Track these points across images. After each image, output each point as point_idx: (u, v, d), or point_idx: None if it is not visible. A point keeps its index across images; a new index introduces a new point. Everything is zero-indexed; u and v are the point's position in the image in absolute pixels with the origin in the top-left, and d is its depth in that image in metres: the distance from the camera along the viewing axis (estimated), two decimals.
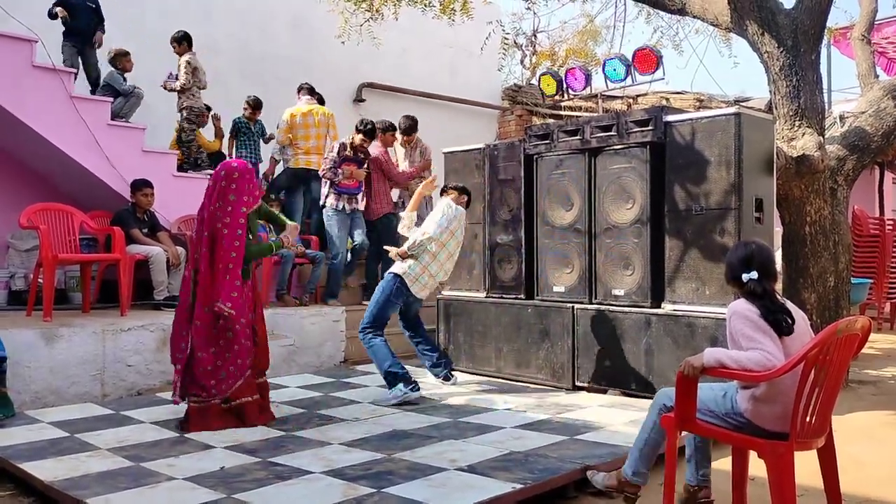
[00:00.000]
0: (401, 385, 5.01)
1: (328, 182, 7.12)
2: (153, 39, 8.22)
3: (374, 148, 7.47)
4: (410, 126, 7.80)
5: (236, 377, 4.39)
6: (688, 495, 3.16)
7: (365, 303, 7.20)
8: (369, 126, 7.10)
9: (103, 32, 7.33)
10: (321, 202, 7.30)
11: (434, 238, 5.23)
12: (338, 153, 7.04)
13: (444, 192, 5.65)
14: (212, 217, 4.40)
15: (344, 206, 7.11)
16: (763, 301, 2.77)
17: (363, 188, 7.37)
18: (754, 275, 2.82)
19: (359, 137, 7.06)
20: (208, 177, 7.68)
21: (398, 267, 5.27)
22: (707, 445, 3.14)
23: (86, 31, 7.19)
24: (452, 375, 5.65)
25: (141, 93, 7.33)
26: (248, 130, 8.15)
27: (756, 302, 2.78)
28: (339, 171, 7.03)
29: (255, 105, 8.14)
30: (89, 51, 7.27)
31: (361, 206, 7.42)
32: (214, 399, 4.31)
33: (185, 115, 7.59)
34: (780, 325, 2.73)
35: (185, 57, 7.49)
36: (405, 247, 5.28)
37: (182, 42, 7.57)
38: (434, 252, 5.26)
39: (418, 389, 5.07)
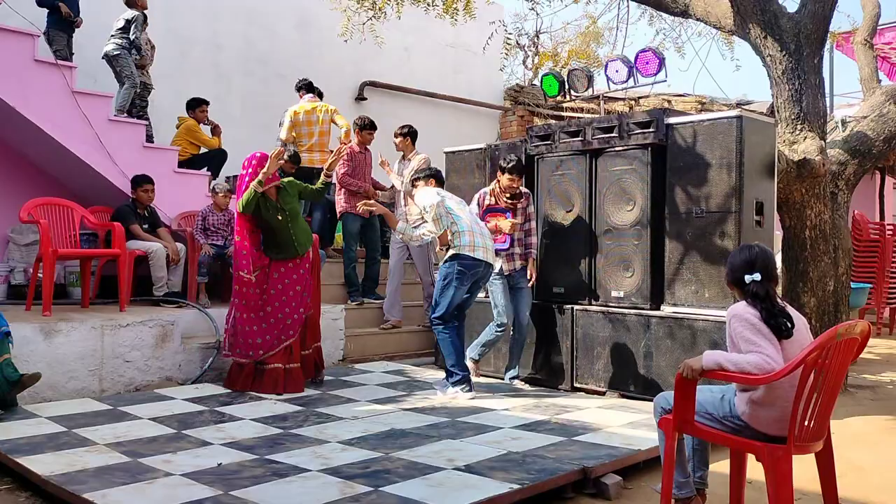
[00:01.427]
0: (456, 388, 5.14)
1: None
2: (158, 38, 8.22)
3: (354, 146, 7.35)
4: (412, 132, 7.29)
5: (272, 345, 5.20)
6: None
7: (365, 302, 7.26)
8: (512, 163, 5.50)
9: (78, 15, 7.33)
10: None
11: (444, 227, 5.24)
12: (478, 203, 5.72)
13: (415, 183, 5.67)
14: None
15: (501, 269, 5.63)
16: (764, 304, 2.77)
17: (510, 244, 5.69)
18: (757, 276, 2.82)
19: (506, 178, 5.54)
20: (207, 175, 7.73)
21: (447, 254, 5.31)
22: (705, 449, 3.13)
23: (75, 19, 7.19)
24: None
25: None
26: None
27: (757, 304, 2.77)
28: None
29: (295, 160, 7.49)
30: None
31: (517, 264, 5.71)
32: (249, 360, 5.20)
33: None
34: (781, 328, 2.73)
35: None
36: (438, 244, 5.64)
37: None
38: (461, 230, 5.18)
39: (471, 390, 5.16)
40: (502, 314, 5.56)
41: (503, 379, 5.78)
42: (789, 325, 2.75)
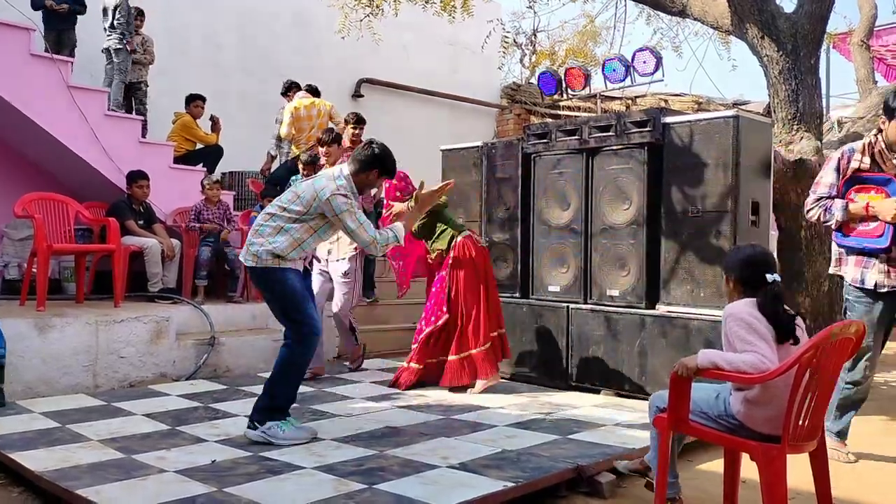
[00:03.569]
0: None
1: None
2: (156, 35, 8.20)
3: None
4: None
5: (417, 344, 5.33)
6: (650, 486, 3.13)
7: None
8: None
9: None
10: None
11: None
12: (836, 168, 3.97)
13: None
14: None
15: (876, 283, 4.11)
16: (777, 305, 2.75)
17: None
18: (777, 277, 2.81)
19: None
20: (203, 171, 7.71)
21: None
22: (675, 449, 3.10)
23: (58, 7, 7.18)
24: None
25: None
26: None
27: (777, 304, 2.74)
28: None
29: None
30: (66, 33, 7.27)
31: None
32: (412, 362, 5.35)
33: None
34: (790, 331, 2.72)
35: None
36: None
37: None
38: None
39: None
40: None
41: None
42: (793, 328, 2.75)
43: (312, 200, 3.88)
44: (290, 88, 7.94)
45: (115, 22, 7.40)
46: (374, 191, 6.31)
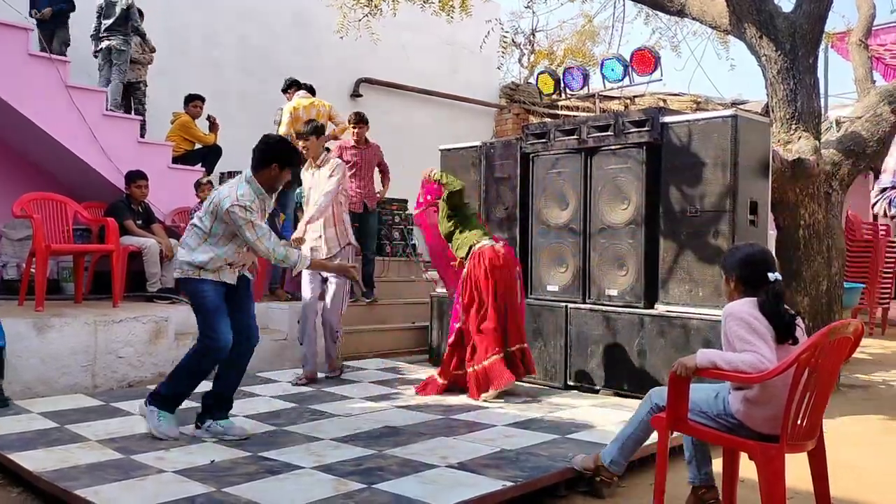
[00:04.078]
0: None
1: None
2: (154, 34, 8.20)
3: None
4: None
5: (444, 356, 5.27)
6: (696, 497, 3.09)
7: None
8: None
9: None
10: None
11: None
12: None
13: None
14: None
15: None
16: (779, 304, 2.74)
17: None
18: (779, 276, 2.81)
19: None
20: (202, 171, 7.71)
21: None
22: (706, 444, 3.11)
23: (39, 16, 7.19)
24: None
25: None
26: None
27: (779, 303, 2.74)
28: None
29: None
30: (59, 31, 7.27)
31: None
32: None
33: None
34: (791, 331, 2.72)
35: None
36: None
37: None
38: None
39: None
40: None
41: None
42: (794, 328, 2.75)
43: (216, 210, 3.83)
44: (290, 86, 7.93)
45: (133, 24, 7.41)
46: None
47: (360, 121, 7.16)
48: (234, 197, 3.78)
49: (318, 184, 5.43)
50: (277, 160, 3.90)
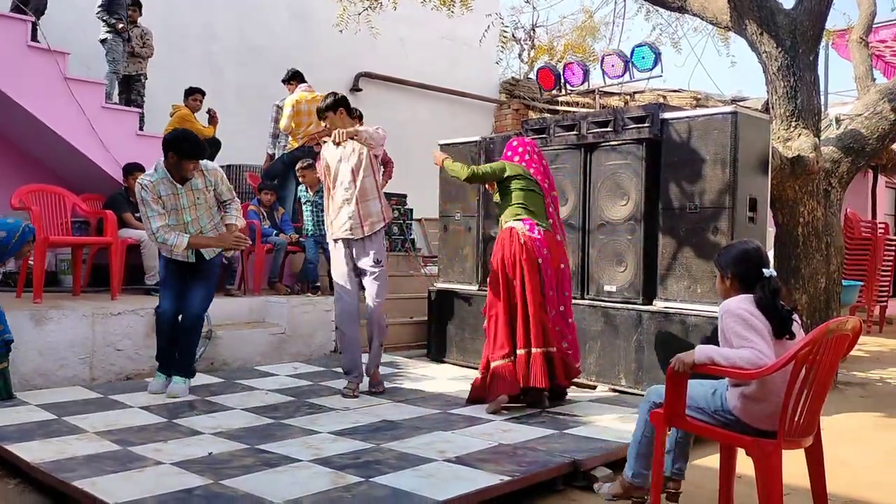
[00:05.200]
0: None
1: None
2: (155, 30, 8.18)
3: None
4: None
5: None
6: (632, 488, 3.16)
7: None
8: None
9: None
10: None
11: None
12: None
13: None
14: (551, 186, 4.89)
15: None
16: (776, 299, 2.75)
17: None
18: (774, 272, 2.82)
19: None
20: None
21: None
22: (688, 443, 3.13)
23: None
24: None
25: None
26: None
27: (776, 298, 2.75)
28: None
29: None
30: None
31: None
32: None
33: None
34: (787, 326, 2.72)
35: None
36: None
37: None
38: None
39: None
40: None
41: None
42: (790, 324, 2.75)
43: None
44: (293, 77, 7.91)
45: (115, 16, 7.40)
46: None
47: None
48: (142, 178, 4.52)
49: (348, 155, 4.94)
50: (172, 149, 4.46)
